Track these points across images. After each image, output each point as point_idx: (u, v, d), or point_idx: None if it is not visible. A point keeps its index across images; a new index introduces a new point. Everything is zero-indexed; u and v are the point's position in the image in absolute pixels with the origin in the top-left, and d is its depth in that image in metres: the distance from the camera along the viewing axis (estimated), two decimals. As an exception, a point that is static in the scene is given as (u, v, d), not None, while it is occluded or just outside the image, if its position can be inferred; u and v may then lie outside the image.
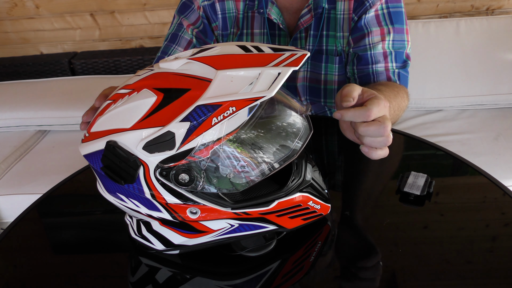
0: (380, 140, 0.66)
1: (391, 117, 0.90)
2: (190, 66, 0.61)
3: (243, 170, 0.62)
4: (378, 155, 0.68)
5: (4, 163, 1.75)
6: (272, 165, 0.63)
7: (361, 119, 0.65)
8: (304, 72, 1.11)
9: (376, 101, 0.66)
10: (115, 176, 0.61)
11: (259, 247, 0.69)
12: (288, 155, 0.64)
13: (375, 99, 0.66)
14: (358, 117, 0.65)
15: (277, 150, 0.64)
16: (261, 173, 0.62)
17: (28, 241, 0.83)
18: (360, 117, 0.65)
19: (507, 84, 1.83)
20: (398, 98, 0.93)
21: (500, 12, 2.12)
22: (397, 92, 0.95)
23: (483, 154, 1.58)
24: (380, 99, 0.67)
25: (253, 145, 0.62)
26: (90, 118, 0.70)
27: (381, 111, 0.66)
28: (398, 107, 0.92)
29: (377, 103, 0.65)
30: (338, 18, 1.06)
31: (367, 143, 0.67)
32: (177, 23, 1.14)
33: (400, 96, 0.95)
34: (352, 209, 0.81)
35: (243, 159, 0.61)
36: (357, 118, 0.65)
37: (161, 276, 0.69)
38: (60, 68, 2.22)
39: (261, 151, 0.62)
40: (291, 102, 0.67)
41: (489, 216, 0.78)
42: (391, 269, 0.69)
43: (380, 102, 0.66)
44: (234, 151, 0.61)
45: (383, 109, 0.66)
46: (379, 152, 0.68)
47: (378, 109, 0.65)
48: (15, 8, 2.26)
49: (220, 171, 0.61)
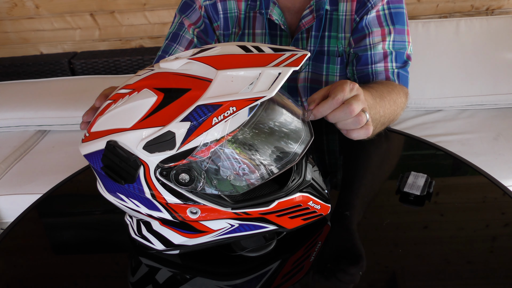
0: (350, 121, 0.67)
1: (388, 111, 0.90)
2: (190, 66, 0.61)
3: (243, 172, 0.62)
4: (358, 135, 0.70)
5: (4, 163, 1.75)
6: (271, 170, 0.63)
7: (331, 108, 0.66)
8: (305, 73, 1.11)
9: (339, 87, 0.66)
10: (115, 176, 0.61)
11: (259, 247, 0.69)
12: (288, 160, 0.64)
13: (339, 85, 0.67)
14: (328, 108, 0.65)
15: (277, 154, 0.64)
16: (261, 176, 0.62)
17: (28, 241, 0.83)
18: (330, 107, 0.65)
19: (507, 84, 1.83)
20: (393, 94, 0.93)
21: (500, 12, 2.12)
22: (392, 89, 0.95)
23: (483, 154, 1.58)
24: (343, 83, 0.67)
25: (253, 147, 0.62)
26: (90, 118, 0.70)
27: (346, 92, 0.66)
28: (393, 102, 0.92)
29: (340, 89, 0.66)
30: (340, 19, 1.06)
31: (340, 127, 0.69)
32: (178, 22, 1.14)
33: (395, 93, 0.95)
34: (352, 209, 0.80)
35: (243, 160, 0.61)
36: (328, 110, 0.66)
37: (161, 276, 0.69)
38: (60, 68, 2.22)
39: (261, 154, 0.62)
40: (293, 107, 0.67)
41: (489, 216, 0.78)
42: (391, 269, 0.69)
43: (343, 86, 0.66)
44: (233, 152, 0.61)
45: (347, 90, 0.66)
46: (358, 132, 0.68)
47: (343, 93, 0.65)
48: (15, 8, 2.26)
49: (220, 171, 0.61)
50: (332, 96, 0.66)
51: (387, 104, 0.89)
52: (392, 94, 0.93)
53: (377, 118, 0.86)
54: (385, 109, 0.88)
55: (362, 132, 0.70)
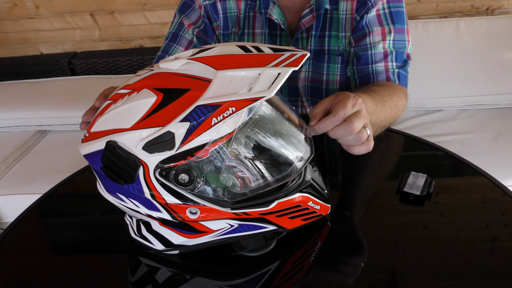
0: (351, 138, 0.67)
1: (388, 115, 0.90)
2: (190, 66, 0.61)
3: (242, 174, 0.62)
4: (359, 151, 0.70)
5: (4, 163, 1.75)
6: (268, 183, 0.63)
7: (332, 125, 0.66)
8: (306, 72, 1.11)
9: (341, 103, 0.66)
10: (115, 176, 0.61)
11: (259, 247, 0.69)
12: (286, 174, 0.64)
13: (341, 100, 0.67)
14: (329, 125, 0.65)
15: (275, 167, 0.64)
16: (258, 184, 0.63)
17: (28, 241, 0.83)
18: (331, 125, 0.65)
19: (507, 84, 1.83)
20: (394, 97, 0.94)
21: (500, 12, 2.12)
22: (393, 92, 0.95)
23: (483, 154, 1.58)
24: (345, 98, 0.67)
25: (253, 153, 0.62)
26: (90, 118, 0.70)
27: (348, 109, 0.66)
28: (394, 106, 0.93)
29: (342, 105, 0.66)
30: (341, 18, 1.06)
31: (342, 142, 0.69)
32: (177, 22, 1.14)
33: (397, 95, 0.95)
34: (352, 209, 0.80)
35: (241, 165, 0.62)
36: (329, 126, 0.66)
37: (161, 276, 0.69)
38: (60, 68, 2.22)
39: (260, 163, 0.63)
40: (296, 122, 0.68)
41: (489, 216, 0.78)
42: (391, 269, 0.69)
43: (345, 101, 0.66)
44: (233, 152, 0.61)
45: (349, 107, 0.66)
46: (359, 148, 0.69)
47: (344, 110, 0.65)
48: (15, 8, 2.26)
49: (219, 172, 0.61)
50: (334, 112, 0.65)
51: (388, 108, 0.89)
52: (393, 97, 0.93)
53: (377, 123, 0.86)
54: (385, 113, 0.88)
55: (363, 148, 0.70)
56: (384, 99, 0.89)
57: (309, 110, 1.15)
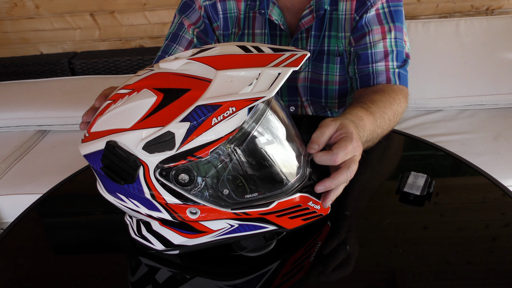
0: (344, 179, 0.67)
1: (386, 127, 0.91)
2: (190, 66, 0.61)
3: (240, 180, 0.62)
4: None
5: (4, 163, 1.75)
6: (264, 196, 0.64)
7: (328, 163, 0.67)
8: (305, 72, 1.11)
9: (343, 144, 0.66)
10: (115, 176, 0.61)
11: (259, 247, 0.69)
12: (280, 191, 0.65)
13: (343, 141, 0.67)
14: (325, 162, 0.66)
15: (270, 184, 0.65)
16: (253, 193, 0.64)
17: (28, 241, 0.83)
18: (327, 162, 0.66)
19: (507, 84, 1.83)
20: (394, 105, 0.93)
21: (500, 12, 2.12)
22: (393, 99, 0.95)
23: (483, 154, 1.58)
24: (349, 141, 0.67)
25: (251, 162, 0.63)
26: (90, 118, 0.70)
27: (348, 154, 0.67)
28: (393, 115, 0.93)
29: (344, 147, 0.66)
30: (340, 18, 1.06)
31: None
32: (178, 23, 1.14)
33: (397, 102, 0.95)
34: (352, 209, 0.80)
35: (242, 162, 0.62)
36: (324, 163, 0.67)
37: (161, 276, 0.69)
38: (60, 68, 2.22)
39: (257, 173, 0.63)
40: (298, 143, 0.68)
41: (489, 216, 0.78)
42: (391, 269, 0.69)
43: (347, 145, 0.66)
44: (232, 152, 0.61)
45: (350, 152, 0.67)
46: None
47: (345, 153, 0.66)
48: (15, 8, 2.26)
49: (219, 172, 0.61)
50: (335, 151, 0.66)
51: (387, 121, 0.90)
52: (393, 105, 0.93)
53: (374, 137, 0.87)
54: (384, 127, 0.89)
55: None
56: (385, 111, 0.89)
57: (308, 110, 1.15)
